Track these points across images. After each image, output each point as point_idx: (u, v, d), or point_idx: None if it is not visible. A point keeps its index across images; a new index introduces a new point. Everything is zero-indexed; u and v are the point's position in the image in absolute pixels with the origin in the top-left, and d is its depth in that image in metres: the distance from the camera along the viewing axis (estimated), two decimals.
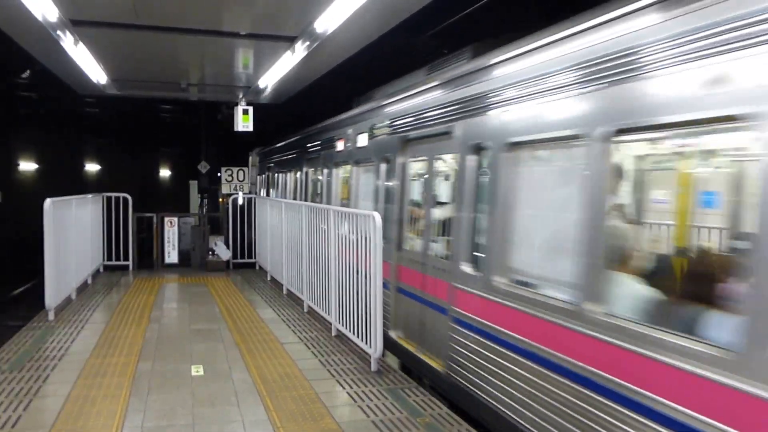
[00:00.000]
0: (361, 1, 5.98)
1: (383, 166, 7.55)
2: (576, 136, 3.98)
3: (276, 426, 4.63)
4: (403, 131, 6.95)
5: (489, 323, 4.92)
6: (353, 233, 6.49)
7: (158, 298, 9.45)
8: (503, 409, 4.64)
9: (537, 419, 4.23)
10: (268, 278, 11.21)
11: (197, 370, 5.89)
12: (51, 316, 7.76)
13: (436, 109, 6.15)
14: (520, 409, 4.43)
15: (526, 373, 4.38)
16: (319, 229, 7.64)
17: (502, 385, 4.68)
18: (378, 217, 5.83)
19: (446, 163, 6.31)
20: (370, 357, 6.05)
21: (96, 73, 10.00)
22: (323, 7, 6.34)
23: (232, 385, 5.51)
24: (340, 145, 9.53)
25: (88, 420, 4.64)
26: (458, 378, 5.38)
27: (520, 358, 4.46)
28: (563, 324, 4.00)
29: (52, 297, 7.71)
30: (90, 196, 10.67)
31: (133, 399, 5.10)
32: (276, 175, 16.45)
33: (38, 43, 8.04)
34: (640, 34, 3.44)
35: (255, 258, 12.75)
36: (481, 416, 5.02)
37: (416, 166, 6.93)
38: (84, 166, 27.18)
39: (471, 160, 5.44)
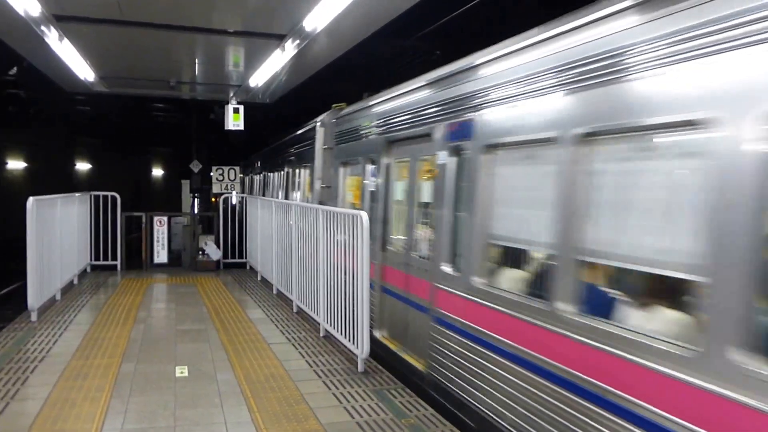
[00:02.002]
0: None
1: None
2: None
3: (259, 427, 4.56)
4: None
5: None
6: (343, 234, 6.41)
7: (145, 299, 9.35)
8: None
9: None
10: (259, 278, 11.13)
11: (181, 371, 5.81)
12: (34, 317, 7.65)
13: None
14: None
15: None
16: (309, 229, 7.56)
17: None
18: (365, 217, 5.76)
19: None
20: (357, 358, 5.98)
21: (83, 70, 9.89)
22: (312, 5, 6.27)
23: (216, 386, 5.42)
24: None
25: (66, 423, 4.54)
26: None
27: None
28: None
29: (34, 297, 7.59)
30: (77, 195, 10.56)
31: (114, 401, 5.00)
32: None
33: (23, 39, 7.93)
34: None
35: (246, 258, 12.67)
36: None
37: None
38: (75, 166, 27.03)
39: None
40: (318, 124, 9.75)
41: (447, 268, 5.45)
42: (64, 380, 5.47)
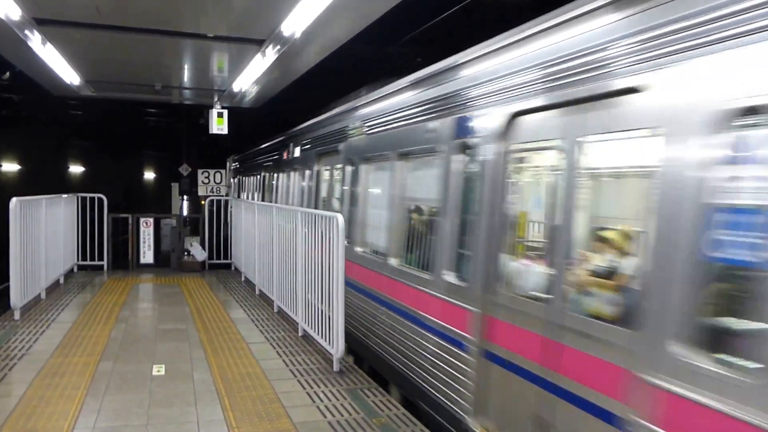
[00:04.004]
0: (325, 4, 5.98)
1: None
2: None
3: (231, 426, 4.63)
4: None
5: None
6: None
7: (129, 298, 9.41)
8: None
9: None
10: (243, 279, 11.21)
11: (158, 370, 5.88)
12: (17, 315, 7.72)
13: None
14: None
15: None
16: (287, 230, 7.65)
17: None
18: (341, 219, 5.84)
19: None
20: (333, 357, 6.05)
21: (68, 74, 9.94)
22: (288, 11, 6.34)
23: (192, 385, 5.50)
24: None
25: (39, 420, 4.61)
26: None
27: None
28: None
29: (17, 296, 7.67)
30: (63, 196, 10.63)
31: (89, 399, 5.07)
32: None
33: (6, 43, 7.98)
34: None
35: (231, 259, 12.76)
36: None
37: None
38: (68, 168, 27.01)
39: None
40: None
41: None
42: (41, 378, 5.54)
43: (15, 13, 6.37)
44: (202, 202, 16.23)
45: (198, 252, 12.56)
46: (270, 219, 8.69)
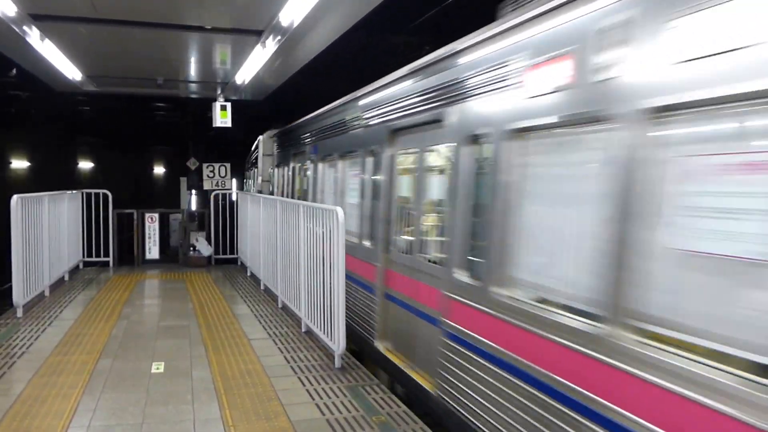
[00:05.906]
0: None
1: None
2: None
3: (227, 425, 4.56)
4: None
5: None
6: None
7: (132, 295, 9.39)
8: None
9: None
10: (248, 274, 11.16)
11: (158, 368, 5.82)
12: (19, 312, 7.71)
13: None
14: None
15: None
16: (291, 224, 7.55)
17: None
18: (341, 212, 5.74)
19: None
20: (334, 353, 5.97)
21: (69, 69, 9.90)
22: (285, 0, 6.23)
23: (191, 382, 5.44)
24: None
25: (34, 420, 4.56)
26: None
27: None
28: None
29: (19, 294, 7.66)
30: (67, 192, 10.61)
31: (85, 397, 5.02)
32: None
33: (5, 40, 7.93)
34: None
35: (237, 254, 12.72)
36: None
37: None
38: (77, 165, 27.14)
39: None
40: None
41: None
42: (39, 376, 5.50)
43: (10, 10, 6.31)
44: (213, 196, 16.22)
45: (204, 247, 12.53)
46: (274, 213, 8.61)
